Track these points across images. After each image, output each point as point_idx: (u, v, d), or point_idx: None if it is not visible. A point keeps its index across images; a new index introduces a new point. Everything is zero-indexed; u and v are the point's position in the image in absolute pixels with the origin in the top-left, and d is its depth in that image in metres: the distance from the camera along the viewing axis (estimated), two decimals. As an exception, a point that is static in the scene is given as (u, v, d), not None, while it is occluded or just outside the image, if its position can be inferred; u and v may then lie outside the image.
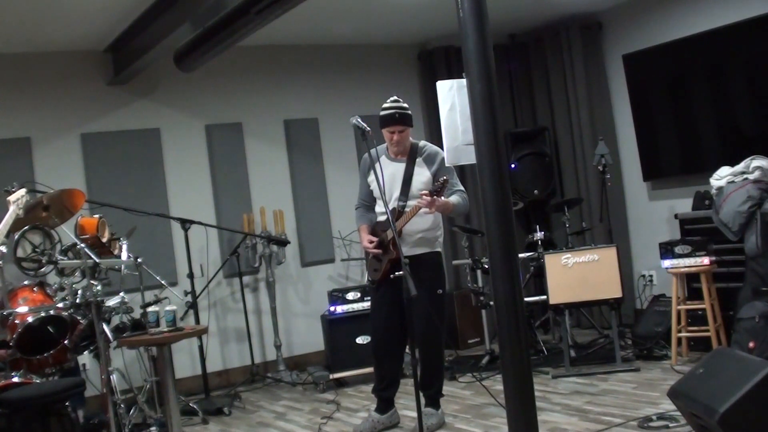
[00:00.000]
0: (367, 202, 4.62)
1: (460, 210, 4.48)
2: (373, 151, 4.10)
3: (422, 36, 7.08)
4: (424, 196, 4.12)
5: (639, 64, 6.32)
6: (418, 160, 4.42)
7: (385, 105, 4.40)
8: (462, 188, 4.47)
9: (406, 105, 4.41)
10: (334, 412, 5.04)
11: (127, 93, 6.08)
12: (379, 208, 4.50)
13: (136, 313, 4.77)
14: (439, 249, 4.50)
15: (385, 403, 4.55)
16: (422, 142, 4.52)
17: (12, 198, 3.78)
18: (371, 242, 4.43)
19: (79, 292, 4.31)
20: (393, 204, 4.36)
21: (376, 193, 4.44)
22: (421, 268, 4.21)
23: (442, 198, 4.19)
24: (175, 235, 6.02)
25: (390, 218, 3.86)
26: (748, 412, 3.09)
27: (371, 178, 4.46)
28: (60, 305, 4.25)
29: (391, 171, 4.40)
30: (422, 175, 4.39)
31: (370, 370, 5.39)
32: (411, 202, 4.32)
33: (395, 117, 4.33)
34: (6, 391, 3.65)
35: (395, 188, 4.39)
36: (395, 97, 4.43)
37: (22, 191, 3.83)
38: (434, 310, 4.31)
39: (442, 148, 4.46)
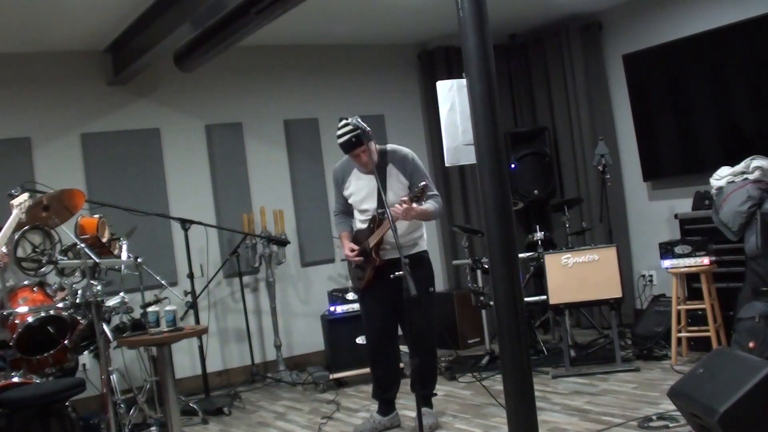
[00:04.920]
0: (344, 209, 4.59)
1: (435, 217, 4.48)
2: (347, 160, 4.13)
3: (422, 36, 7.08)
4: (399, 205, 4.10)
5: (639, 64, 6.32)
6: (390, 166, 4.37)
7: (338, 132, 4.23)
8: (436, 192, 4.43)
9: (356, 124, 4.18)
10: (334, 412, 5.04)
11: (127, 93, 6.08)
12: (358, 216, 4.48)
13: (136, 313, 4.78)
14: (424, 248, 4.49)
15: (387, 406, 4.54)
16: (389, 146, 4.46)
17: (15, 202, 3.79)
18: (353, 251, 4.41)
19: (79, 292, 4.31)
20: (372, 213, 4.35)
21: (356, 204, 4.45)
22: (410, 269, 4.18)
23: (421, 205, 4.15)
24: (175, 235, 6.02)
25: (389, 216, 3.85)
26: (748, 412, 3.09)
27: (348, 191, 4.46)
28: (60, 305, 4.25)
29: (365, 182, 4.38)
30: (397, 180, 4.36)
31: (370, 370, 5.39)
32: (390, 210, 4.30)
33: (352, 141, 4.19)
34: (6, 391, 3.65)
35: (372, 198, 4.35)
36: (344, 122, 4.24)
37: (25, 195, 3.84)
38: (426, 310, 4.31)
39: (442, 148, 4.49)
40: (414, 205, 4.10)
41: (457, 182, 7.10)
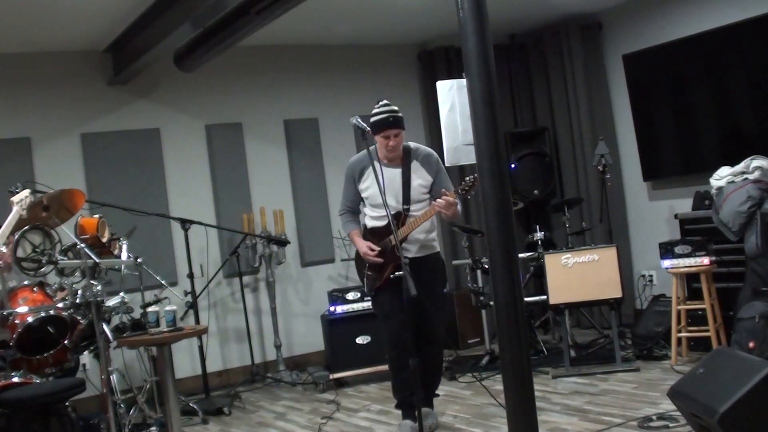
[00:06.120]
0: (353, 207, 4.47)
1: (457, 217, 4.44)
2: (365, 154, 4.02)
3: (422, 36, 7.08)
4: (445, 197, 4.02)
5: (639, 64, 6.32)
6: (414, 163, 4.31)
7: (376, 110, 4.22)
8: None
9: (396, 108, 4.26)
10: (334, 412, 5.04)
11: (127, 93, 6.08)
12: (374, 212, 4.35)
13: (136, 313, 4.77)
14: (438, 249, 4.49)
15: (412, 410, 4.28)
16: (412, 144, 4.39)
17: (16, 199, 3.79)
18: (372, 250, 4.27)
19: (79, 292, 4.31)
20: (398, 209, 4.25)
21: (373, 200, 4.30)
22: (427, 270, 4.21)
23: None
24: (175, 235, 6.02)
25: (393, 222, 3.82)
26: (748, 412, 3.09)
27: (364, 185, 4.33)
28: (60, 305, 4.24)
29: (386, 177, 4.21)
30: (422, 178, 4.31)
31: (370, 370, 5.42)
32: (414, 207, 4.26)
33: (390, 121, 4.16)
34: (6, 391, 3.65)
35: (391, 194, 4.20)
36: (385, 101, 4.27)
37: (26, 192, 3.83)
38: (440, 309, 4.34)
39: (442, 148, 4.50)
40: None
41: (457, 182, 7.05)
